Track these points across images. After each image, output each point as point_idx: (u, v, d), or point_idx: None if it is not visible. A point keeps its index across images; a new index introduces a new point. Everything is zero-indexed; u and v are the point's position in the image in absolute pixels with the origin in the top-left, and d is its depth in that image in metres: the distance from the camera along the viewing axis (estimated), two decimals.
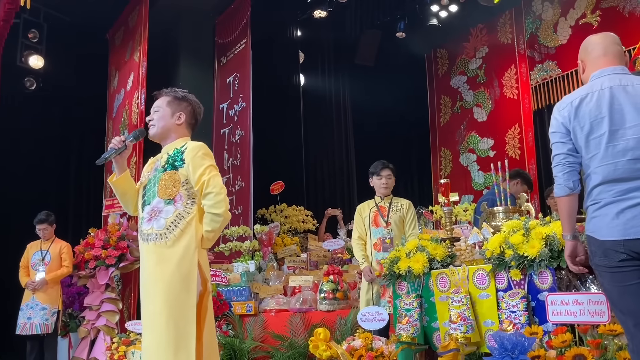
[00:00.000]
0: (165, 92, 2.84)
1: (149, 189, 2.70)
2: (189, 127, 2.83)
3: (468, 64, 8.97)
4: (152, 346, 2.48)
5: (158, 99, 2.83)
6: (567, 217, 2.20)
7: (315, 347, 3.45)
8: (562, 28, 7.84)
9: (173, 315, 2.45)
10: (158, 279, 2.52)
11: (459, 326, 2.78)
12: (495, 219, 3.17)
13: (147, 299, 2.56)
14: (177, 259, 2.51)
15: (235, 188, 7.18)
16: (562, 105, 2.24)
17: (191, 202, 2.61)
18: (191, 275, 2.50)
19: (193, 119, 2.84)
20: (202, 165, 2.60)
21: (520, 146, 7.90)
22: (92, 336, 5.57)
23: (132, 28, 7.21)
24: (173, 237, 2.55)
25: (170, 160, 2.67)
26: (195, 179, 2.59)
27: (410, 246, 3.33)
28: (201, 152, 2.64)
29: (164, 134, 2.77)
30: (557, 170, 2.20)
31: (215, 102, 7.84)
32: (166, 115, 2.77)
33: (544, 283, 2.60)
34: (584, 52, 2.31)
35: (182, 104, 2.80)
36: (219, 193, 2.57)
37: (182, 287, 2.48)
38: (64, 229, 6.78)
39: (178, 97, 2.81)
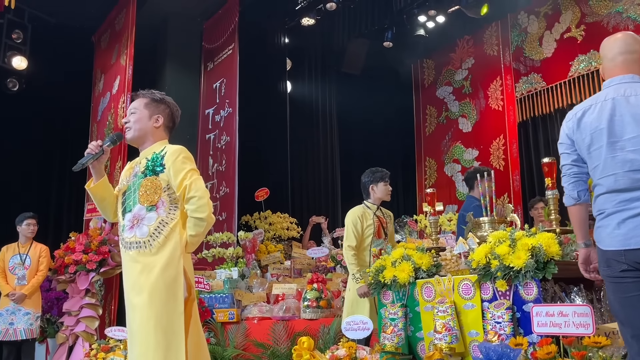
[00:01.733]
0: (142, 93, 2.78)
1: (129, 196, 2.62)
2: (167, 130, 2.77)
3: (454, 75, 9.04)
4: (140, 357, 2.42)
5: (135, 101, 2.76)
6: (577, 225, 2.22)
7: (298, 356, 3.41)
8: (547, 41, 7.95)
9: (161, 324, 2.39)
10: (143, 288, 2.45)
11: (444, 336, 2.77)
12: (481, 229, 3.17)
13: (133, 310, 2.49)
14: (162, 267, 2.46)
15: (219, 194, 7.13)
16: (568, 116, 2.25)
17: (174, 207, 2.55)
18: (177, 282, 2.45)
19: (171, 122, 2.78)
20: (183, 170, 2.54)
21: (505, 157, 7.97)
22: (71, 342, 5.46)
23: (118, 31, 7.15)
24: (157, 244, 2.49)
25: (150, 166, 2.60)
26: (177, 183, 2.53)
27: (395, 255, 3.31)
28: (181, 156, 2.58)
29: (142, 138, 2.70)
30: (563, 181, 2.22)
31: (201, 107, 7.79)
32: (143, 118, 2.69)
33: (530, 294, 2.60)
34: (602, 56, 2.27)
35: (159, 106, 2.74)
36: (202, 197, 2.51)
37: (169, 295, 2.43)
38: (44, 233, 6.65)
39: (155, 99, 2.75)
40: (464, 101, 8.82)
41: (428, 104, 9.43)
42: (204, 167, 7.47)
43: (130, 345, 2.50)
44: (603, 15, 7.35)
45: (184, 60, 7.84)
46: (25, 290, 5.30)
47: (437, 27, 8.51)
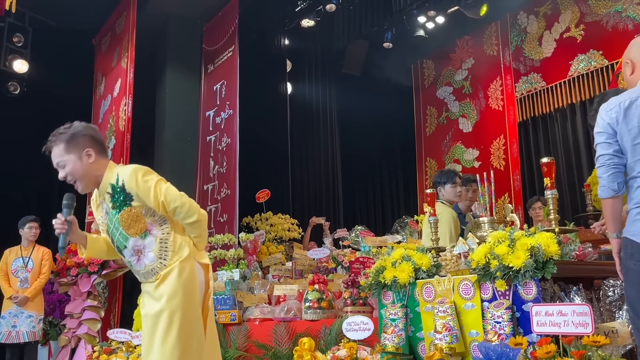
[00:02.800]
0: (53, 141, 2.59)
1: (114, 234, 2.57)
2: (102, 154, 2.59)
3: (454, 75, 9.05)
4: None
5: (52, 152, 2.58)
6: (612, 218, 2.16)
7: (300, 356, 3.42)
8: (547, 41, 7.96)
9: (183, 329, 2.46)
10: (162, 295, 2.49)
11: (444, 336, 2.78)
12: (480, 229, 3.18)
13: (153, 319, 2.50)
14: (175, 275, 2.50)
15: (220, 196, 7.14)
16: (610, 105, 2.16)
17: (163, 222, 2.54)
18: (194, 288, 2.52)
19: (99, 145, 2.59)
20: (149, 188, 2.46)
21: (505, 157, 7.98)
22: (73, 345, 5.49)
23: (119, 34, 7.17)
24: (169, 263, 2.52)
25: (117, 199, 2.51)
26: (153, 204, 2.48)
27: (395, 256, 3.33)
28: (140, 176, 2.48)
29: (90, 181, 2.57)
30: (601, 172, 2.13)
31: (202, 110, 7.81)
32: (74, 163, 2.53)
33: (529, 294, 2.61)
34: (635, 52, 2.23)
35: (78, 141, 2.54)
36: (183, 203, 2.48)
37: (189, 300, 2.50)
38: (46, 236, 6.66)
39: (69, 139, 2.54)
40: (464, 101, 8.83)
41: (428, 104, 9.45)
42: (204, 169, 7.49)
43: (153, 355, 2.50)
44: (602, 15, 7.36)
45: (185, 63, 7.87)
46: (27, 293, 5.32)
47: (437, 27, 8.52)
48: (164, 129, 7.39)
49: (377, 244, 6.01)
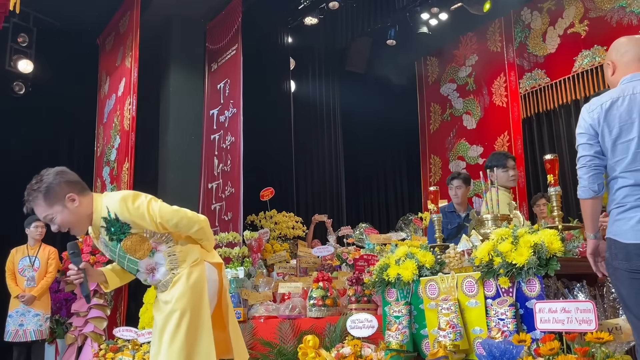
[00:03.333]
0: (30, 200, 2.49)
1: (122, 262, 2.64)
2: (83, 191, 2.51)
3: (458, 72, 9.04)
4: None
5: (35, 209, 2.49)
6: (591, 218, 2.19)
7: (304, 354, 3.44)
8: (551, 37, 7.94)
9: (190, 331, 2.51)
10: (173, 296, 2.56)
11: (448, 334, 2.79)
12: (484, 226, 3.18)
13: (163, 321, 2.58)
14: (185, 278, 2.57)
15: (225, 194, 7.16)
16: (591, 106, 2.19)
17: (166, 237, 2.59)
18: (203, 291, 2.58)
19: (75, 184, 2.50)
20: (142, 214, 2.46)
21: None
22: (80, 343, 5.52)
23: (122, 33, 7.20)
24: (182, 272, 2.59)
25: (115, 232, 2.50)
26: (152, 227, 2.49)
27: (399, 253, 3.34)
28: (129, 204, 2.45)
29: (83, 223, 2.52)
30: (582, 172, 2.16)
31: (206, 108, 7.83)
32: (62, 212, 2.45)
33: (532, 291, 2.61)
34: (615, 54, 2.25)
35: (56, 191, 2.44)
36: (181, 218, 2.52)
37: (197, 303, 2.55)
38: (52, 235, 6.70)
39: (44, 192, 2.43)
40: (468, 98, 8.82)
41: (432, 101, 9.43)
42: (209, 168, 7.51)
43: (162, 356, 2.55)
44: (606, 10, 7.33)
45: (188, 61, 7.88)
46: (34, 291, 5.36)
47: (440, 24, 8.51)
48: (168, 127, 7.41)
49: (381, 241, 6.02)
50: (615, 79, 2.23)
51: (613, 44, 2.31)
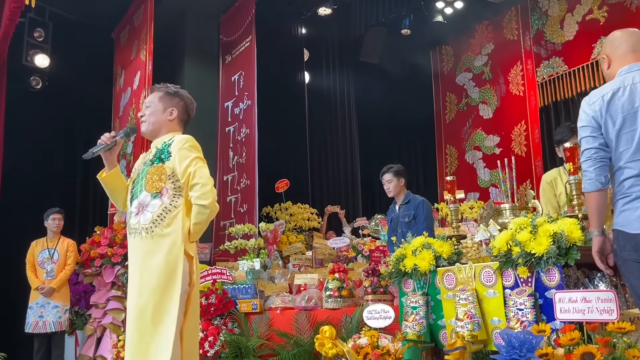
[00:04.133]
0: (157, 87, 2.82)
1: (137, 183, 2.69)
2: (181, 123, 2.80)
3: (473, 61, 8.93)
4: (135, 342, 2.46)
5: (150, 95, 2.81)
6: (596, 212, 2.17)
7: (321, 345, 3.44)
8: (569, 24, 7.80)
9: (157, 310, 2.44)
10: (144, 272, 2.51)
11: (466, 324, 2.76)
12: (502, 216, 3.15)
13: (134, 293, 2.55)
14: (164, 253, 2.49)
15: (240, 186, 7.18)
16: (592, 98, 2.18)
17: (178, 195, 2.57)
18: (177, 270, 2.47)
19: (185, 115, 2.82)
20: (188, 157, 2.57)
21: (527, 143, 7.87)
22: (99, 334, 5.59)
23: (137, 27, 7.22)
24: (159, 231, 2.52)
25: (158, 154, 2.65)
26: (182, 170, 2.56)
27: (416, 244, 3.31)
28: (187, 144, 2.61)
29: (156, 131, 2.75)
30: (587, 165, 2.15)
31: (220, 101, 7.84)
32: (158, 111, 2.73)
33: (552, 280, 2.58)
34: (609, 47, 2.26)
35: (174, 100, 2.78)
36: (206, 184, 2.53)
37: (168, 282, 2.46)
38: (71, 228, 6.80)
39: (170, 93, 2.79)
40: (484, 87, 8.72)
41: (447, 91, 9.35)
42: (224, 160, 7.53)
43: (130, 326, 2.54)
44: None
45: (202, 54, 7.89)
46: (53, 283, 5.43)
47: (455, 13, 8.41)
48: None
49: None
50: (612, 71, 2.23)
51: (607, 37, 2.32)
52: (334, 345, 3.31)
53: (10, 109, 6.87)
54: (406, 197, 4.69)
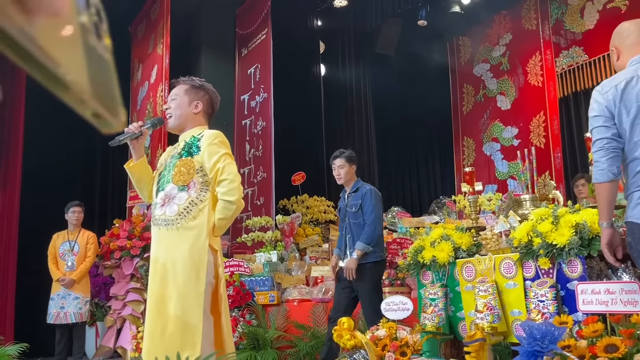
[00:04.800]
0: (183, 80, 2.84)
1: (164, 175, 2.71)
2: (206, 116, 2.83)
3: (491, 52, 8.82)
4: (157, 333, 2.48)
5: (175, 87, 2.84)
6: (607, 204, 2.13)
7: (339, 336, 3.44)
8: (589, 13, 7.66)
9: (181, 302, 2.44)
10: (167, 264, 2.52)
11: (486, 316, 2.74)
12: (522, 207, 3.11)
13: (156, 284, 2.56)
14: (188, 246, 2.50)
15: (257, 179, 7.19)
16: (605, 88, 2.15)
17: (205, 189, 2.60)
18: (201, 262, 2.49)
19: (210, 108, 2.84)
20: (217, 153, 2.59)
21: (546, 135, 7.77)
22: (119, 325, 5.65)
23: (154, 21, 7.25)
24: (184, 224, 2.54)
25: (187, 147, 2.67)
26: (210, 166, 2.59)
27: (434, 235, 3.29)
28: (217, 140, 2.63)
29: (182, 124, 2.77)
30: (599, 155, 2.11)
31: (237, 94, 7.85)
32: (183, 104, 2.76)
33: (574, 272, 2.54)
34: (618, 39, 2.25)
35: (199, 93, 2.80)
36: (233, 180, 2.56)
37: (192, 274, 2.47)
38: (90, 221, 6.87)
39: (195, 86, 2.81)
40: (502, 78, 8.61)
41: (465, 82, 9.25)
42: (240, 153, 7.55)
43: (149, 318, 2.55)
44: None
45: (218, 47, 7.90)
46: (74, 275, 5.50)
47: (473, 3, 8.31)
48: None
49: (414, 224, 5.97)
50: (622, 63, 2.21)
51: (615, 29, 2.30)
52: (352, 337, 3.31)
53: (29, 105, 6.95)
54: (355, 184, 4.21)
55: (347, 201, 4.18)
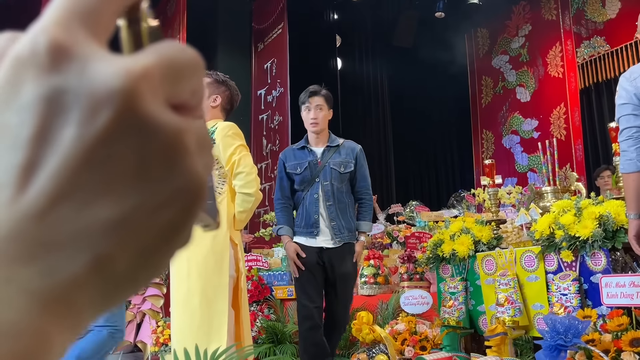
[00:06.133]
0: (207, 73, 2.85)
1: None
2: (224, 112, 2.83)
3: (510, 43, 8.70)
4: (185, 326, 2.49)
5: None
6: (635, 195, 2.07)
7: (358, 330, 3.42)
8: (611, 2, 7.51)
9: (206, 295, 2.46)
10: (191, 258, 2.52)
11: (507, 309, 2.70)
12: (543, 199, 3.05)
13: (179, 279, 2.58)
14: (210, 239, 2.51)
15: (274, 174, 7.20)
16: (633, 74, 2.08)
17: (222, 182, 2.61)
18: (224, 255, 2.50)
19: (229, 104, 2.84)
20: (232, 145, 2.59)
21: (566, 126, 7.64)
22: (138, 320, 5.70)
23: (170, 17, 7.27)
24: None
25: None
26: (226, 158, 2.59)
27: (454, 228, 3.25)
28: (231, 132, 2.64)
29: None
30: (627, 145, 2.05)
31: (253, 88, 7.86)
32: None
33: (597, 265, 2.49)
34: None
35: (220, 88, 2.81)
36: (250, 173, 2.56)
37: (215, 267, 2.48)
38: None
39: (218, 81, 2.82)
40: (521, 70, 8.49)
41: (483, 74, 9.14)
42: (257, 148, 7.56)
43: (175, 313, 2.56)
44: None
45: (235, 42, 7.91)
46: None
47: None
48: None
49: (433, 218, 5.92)
50: None
51: (639, 17, 2.22)
52: (372, 331, 3.29)
53: None
54: (333, 137, 3.26)
55: (323, 157, 3.13)
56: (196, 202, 0.22)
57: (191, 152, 0.21)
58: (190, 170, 0.21)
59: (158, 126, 0.20)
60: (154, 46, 0.23)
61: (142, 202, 0.20)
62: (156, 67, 0.21)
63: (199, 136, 0.22)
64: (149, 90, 0.20)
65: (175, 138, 0.21)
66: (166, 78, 0.21)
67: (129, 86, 0.20)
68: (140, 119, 0.20)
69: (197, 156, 0.22)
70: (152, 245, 0.21)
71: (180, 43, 0.24)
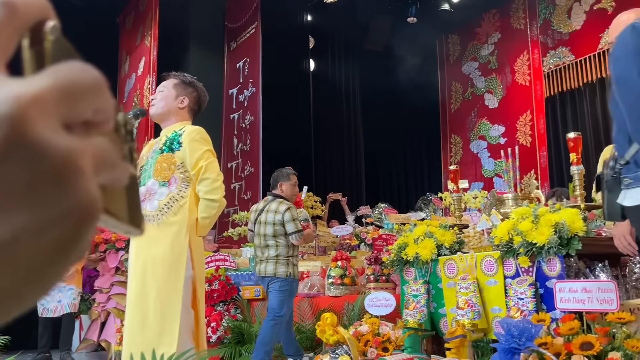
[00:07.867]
0: (174, 75, 2.85)
1: (145, 170, 2.70)
2: (191, 113, 2.81)
3: (480, 50, 8.88)
4: (136, 326, 2.49)
5: (165, 80, 2.84)
6: None
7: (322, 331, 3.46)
8: (576, 13, 7.73)
9: (160, 296, 2.45)
10: (148, 259, 2.52)
11: (466, 312, 2.78)
12: (504, 205, 3.15)
13: (135, 279, 2.56)
14: (168, 242, 2.51)
15: (244, 173, 7.19)
16: None
17: (185, 185, 2.60)
18: (181, 258, 2.50)
19: (196, 106, 2.83)
20: (199, 150, 2.59)
21: (532, 133, 7.84)
22: (103, 318, 5.64)
23: (142, 12, 7.20)
24: (165, 220, 2.54)
25: (168, 143, 2.67)
26: (192, 162, 2.58)
27: (418, 232, 3.32)
28: (199, 136, 2.63)
29: (164, 115, 2.76)
30: None
31: (225, 87, 7.83)
32: (169, 97, 2.75)
33: (553, 270, 2.58)
34: (617, 32, 2.08)
35: (187, 89, 2.80)
36: (216, 179, 2.56)
37: (171, 270, 2.48)
38: None
39: (185, 82, 2.81)
40: (490, 77, 8.67)
41: (453, 80, 9.30)
42: (228, 147, 7.54)
43: (129, 313, 2.55)
44: None
45: (207, 40, 7.87)
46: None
47: (462, 1, 8.35)
48: None
49: (401, 221, 6.01)
50: None
51: (613, 23, 2.17)
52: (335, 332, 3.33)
53: None
54: None
55: None
56: (87, 220, 0.23)
57: (83, 172, 0.22)
58: (81, 190, 0.22)
59: (47, 150, 0.21)
60: (53, 68, 0.24)
61: (30, 221, 0.21)
62: (50, 91, 0.22)
63: (99, 154, 0.24)
64: (40, 114, 0.21)
65: (64, 160, 0.21)
66: (62, 100, 0.22)
67: (18, 112, 0.20)
68: (28, 144, 0.20)
69: (94, 175, 0.23)
70: (42, 261, 0.22)
71: (82, 63, 0.26)
